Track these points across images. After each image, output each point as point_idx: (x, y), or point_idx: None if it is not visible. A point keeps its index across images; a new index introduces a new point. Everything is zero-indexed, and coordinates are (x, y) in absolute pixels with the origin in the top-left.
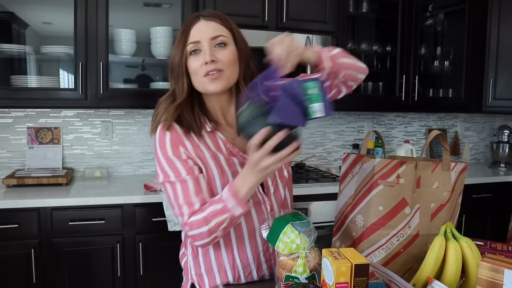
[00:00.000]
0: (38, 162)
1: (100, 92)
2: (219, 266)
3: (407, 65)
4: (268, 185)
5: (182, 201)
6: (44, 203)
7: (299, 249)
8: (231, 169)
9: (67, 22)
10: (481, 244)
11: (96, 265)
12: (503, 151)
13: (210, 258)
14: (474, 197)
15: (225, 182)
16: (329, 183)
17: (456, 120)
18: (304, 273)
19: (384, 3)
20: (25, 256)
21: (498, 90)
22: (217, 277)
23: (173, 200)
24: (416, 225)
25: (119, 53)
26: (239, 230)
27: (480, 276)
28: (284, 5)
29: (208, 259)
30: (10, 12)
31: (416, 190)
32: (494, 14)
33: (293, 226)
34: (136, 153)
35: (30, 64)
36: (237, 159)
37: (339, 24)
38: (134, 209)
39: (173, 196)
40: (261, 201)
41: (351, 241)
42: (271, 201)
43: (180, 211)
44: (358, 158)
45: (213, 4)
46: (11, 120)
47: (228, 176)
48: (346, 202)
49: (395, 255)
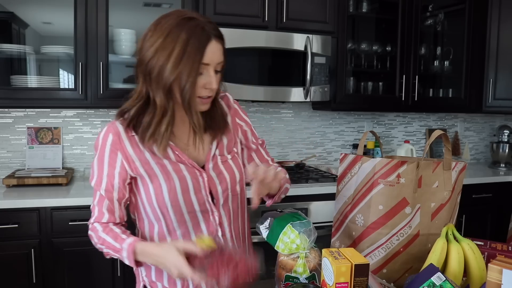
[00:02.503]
0: (38, 162)
1: (100, 92)
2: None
3: (407, 65)
4: (218, 196)
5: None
6: (44, 203)
7: (299, 249)
8: (177, 175)
9: (67, 22)
10: (481, 244)
11: (96, 265)
12: (503, 151)
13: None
14: (474, 197)
15: (172, 188)
16: (329, 183)
17: (456, 120)
18: (304, 273)
19: (384, 3)
20: (25, 256)
21: (498, 90)
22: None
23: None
24: (417, 224)
25: (119, 53)
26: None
27: (490, 280)
28: (284, 5)
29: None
30: (10, 12)
31: (417, 190)
32: (494, 14)
33: (293, 226)
34: None
35: (30, 64)
36: (184, 165)
37: (339, 24)
38: None
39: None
40: (209, 211)
41: (351, 241)
42: (220, 212)
43: (92, 209)
44: (356, 158)
45: (213, 4)
46: (11, 120)
47: (175, 181)
48: (345, 202)
49: (395, 254)
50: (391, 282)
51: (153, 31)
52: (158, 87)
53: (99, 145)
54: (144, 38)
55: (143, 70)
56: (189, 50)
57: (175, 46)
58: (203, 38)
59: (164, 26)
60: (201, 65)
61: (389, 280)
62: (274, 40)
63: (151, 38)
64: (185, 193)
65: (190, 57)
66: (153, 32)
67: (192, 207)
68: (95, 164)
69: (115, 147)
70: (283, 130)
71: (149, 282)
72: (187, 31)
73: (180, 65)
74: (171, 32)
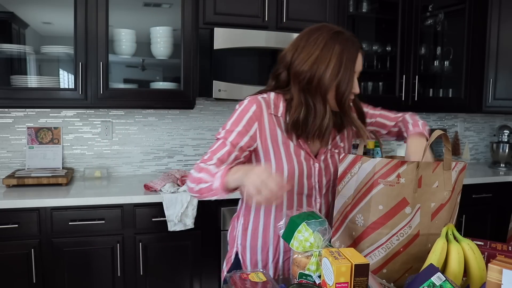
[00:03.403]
0: (38, 162)
1: (100, 92)
2: (264, 244)
3: (407, 65)
4: (322, 185)
5: (210, 150)
6: (44, 203)
7: (313, 247)
8: (297, 159)
9: (67, 22)
10: (481, 244)
11: (96, 265)
12: (503, 151)
13: (258, 234)
14: (474, 197)
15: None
16: None
17: (456, 120)
18: (317, 271)
19: (384, 3)
20: (25, 256)
21: (498, 90)
22: (259, 254)
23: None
24: (417, 224)
25: (119, 53)
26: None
27: (490, 280)
28: (284, 5)
29: (255, 234)
30: (10, 12)
31: (417, 190)
32: (494, 14)
33: (307, 225)
34: (136, 153)
35: (30, 64)
36: (303, 151)
37: (339, 24)
38: (134, 209)
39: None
40: (313, 197)
41: (351, 241)
42: (321, 199)
43: (203, 156)
44: (356, 158)
45: (213, 4)
46: (11, 120)
47: (295, 164)
48: (345, 202)
49: (395, 254)
50: (391, 282)
51: (307, 43)
52: (316, 94)
53: (239, 110)
54: (295, 50)
55: (300, 80)
56: (345, 61)
57: (331, 57)
58: (354, 50)
59: (319, 39)
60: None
61: (389, 280)
62: (274, 40)
63: (304, 51)
64: (301, 176)
65: (347, 67)
66: (305, 44)
67: (302, 190)
68: (230, 120)
69: (256, 116)
70: None
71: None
72: (340, 44)
73: (340, 74)
74: (326, 44)
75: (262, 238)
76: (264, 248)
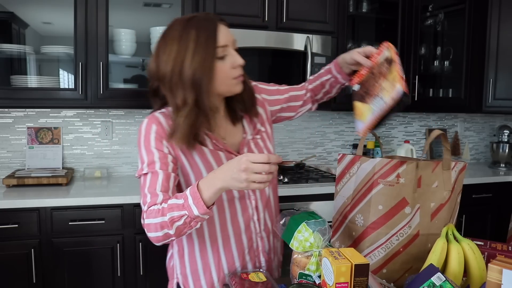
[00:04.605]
0: (38, 162)
1: (100, 92)
2: (205, 266)
3: (407, 65)
4: None
5: (147, 190)
6: (44, 203)
7: (313, 247)
8: (217, 164)
9: (67, 22)
10: (481, 244)
11: (96, 265)
12: (503, 151)
13: (196, 258)
14: (474, 197)
15: None
16: (329, 183)
17: (456, 120)
18: (317, 271)
19: (384, 3)
20: (25, 256)
21: (498, 90)
22: (201, 278)
23: (141, 190)
24: (417, 224)
25: (119, 53)
26: (224, 228)
27: (490, 280)
28: (284, 5)
29: (193, 259)
30: (10, 12)
31: (417, 190)
32: (494, 14)
33: (307, 225)
34: (136, 153)
35: (30, 64)
36: (222, 153)
37: (339, 24)
38: (134, 209)
39: (142, 186)
40: (246, 195)
41: (351, 241)
42: (256, 196)
43: (143, 200)
44: (355, 159)
45: (213, 4)
46: (11, 120)
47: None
48: (345, 203)
49: (395, 254)
50: (391, 282)
51: (164, 44)
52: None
53: (142, 134)
54: (157, 55)
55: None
56: (201, 41)
57: (189, 44)
58: (212, 26)
59: (174, 34)
60: (218, 48)
61: (389, 280)
62: (274, 40)
63: (165, 50)
64: None
65: (201, 45)
66: (164, 44)
67: (232, 194)
68: (143, 152)
69: (159, 134)
70: (283, 130)
71: (183, 279)
72: (195, 28)
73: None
74: (181, 35)
75: (201, 260)
76: (206, 270)
